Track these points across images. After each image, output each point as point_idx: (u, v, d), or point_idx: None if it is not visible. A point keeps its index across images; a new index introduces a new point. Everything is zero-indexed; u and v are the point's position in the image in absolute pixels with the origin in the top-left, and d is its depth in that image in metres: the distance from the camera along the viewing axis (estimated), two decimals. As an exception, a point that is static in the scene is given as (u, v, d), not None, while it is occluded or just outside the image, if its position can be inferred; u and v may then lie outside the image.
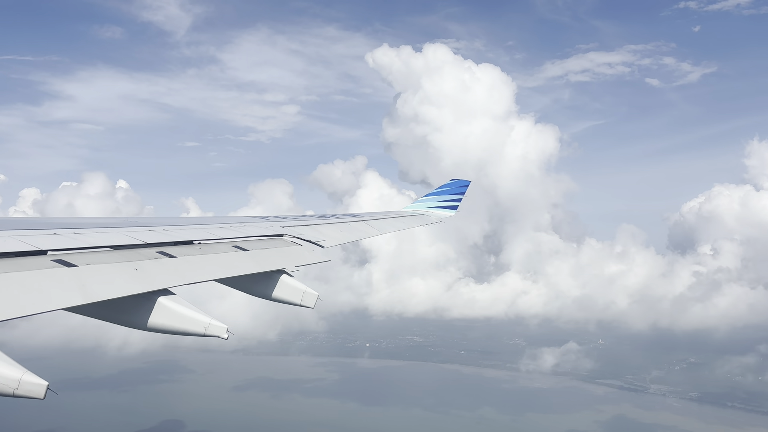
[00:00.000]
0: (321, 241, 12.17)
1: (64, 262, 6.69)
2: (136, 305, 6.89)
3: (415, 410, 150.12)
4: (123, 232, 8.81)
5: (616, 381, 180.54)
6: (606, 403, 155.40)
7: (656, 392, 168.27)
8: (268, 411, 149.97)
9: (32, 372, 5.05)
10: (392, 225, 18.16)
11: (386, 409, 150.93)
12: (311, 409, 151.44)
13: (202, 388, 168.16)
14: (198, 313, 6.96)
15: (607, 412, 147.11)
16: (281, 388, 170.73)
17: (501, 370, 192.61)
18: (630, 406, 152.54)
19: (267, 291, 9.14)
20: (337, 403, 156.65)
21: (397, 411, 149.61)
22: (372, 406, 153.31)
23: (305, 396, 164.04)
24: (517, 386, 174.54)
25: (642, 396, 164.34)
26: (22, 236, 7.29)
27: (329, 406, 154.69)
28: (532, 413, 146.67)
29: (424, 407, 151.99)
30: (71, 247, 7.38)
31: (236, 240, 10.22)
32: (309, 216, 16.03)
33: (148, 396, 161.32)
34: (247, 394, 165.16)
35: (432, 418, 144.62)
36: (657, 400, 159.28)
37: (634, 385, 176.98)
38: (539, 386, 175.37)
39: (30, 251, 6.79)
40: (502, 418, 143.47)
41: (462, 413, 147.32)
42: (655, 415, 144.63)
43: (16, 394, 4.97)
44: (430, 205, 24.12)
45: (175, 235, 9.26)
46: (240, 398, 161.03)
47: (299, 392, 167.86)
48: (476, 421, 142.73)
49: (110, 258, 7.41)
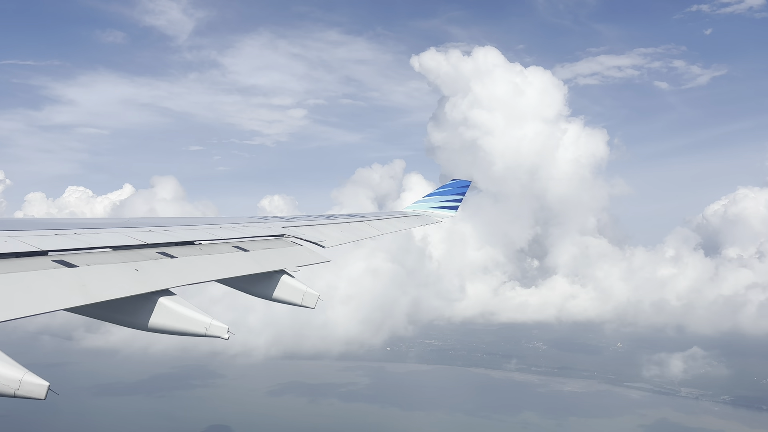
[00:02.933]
0: (322, 242, 12.23)
1: (65, 263, 6.73)
2: (136, 306, 6.92)
3: (457, 415, 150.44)
4: (124, 232, 8.86)
5: (644, 384, 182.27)
6: (644, 407, 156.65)
7: (688, 396, 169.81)
8: (309, 416, 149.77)
9: (33, 373, 5.03)
10: (393, 225, 18.20)
11: (428, 413, 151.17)
12: (352, 414, 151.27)
13: (237, 393, 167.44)
14: (199, 314, 7.00)
15: (649, 416, 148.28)
16: (316, 392, 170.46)
17: (528, 374, 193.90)
18: (669, 409, 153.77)
19: (268, 291, 9.18)
20: (376, 407, 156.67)
21: (440, 416, 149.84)
22: (413, 410, 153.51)
23: (343, 401, 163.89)
24: (551, 390, 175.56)
25: (675, 399, 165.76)
26: (23, 237, 7.30)
27: (369, 410, 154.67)
28: (575, 417, 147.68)
29: (465, 412, 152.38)
30: (72, 247, 7.40)
31: (237, 240, 10.26)
32: (310, 216, 16.14)
33: (186, 401, 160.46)
34: (284, 399, 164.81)
35: (476, 423, 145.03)
36: (693, 404, 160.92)
37: (664, 388, 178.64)
38: (571, 390, 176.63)
39: (31, 252, 6.82)
40: (547, 423, 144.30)
41: (504, 418, 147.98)
42: (697, 419, 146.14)
43: (18, 395, 4.95)
44: (431, 205, 24.24)
45: (175, 236, 9.30)
46: (278, 403, 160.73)
47: (335, 397, 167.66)
48: (522, 425, 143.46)
49: (111, 258, 7.46)
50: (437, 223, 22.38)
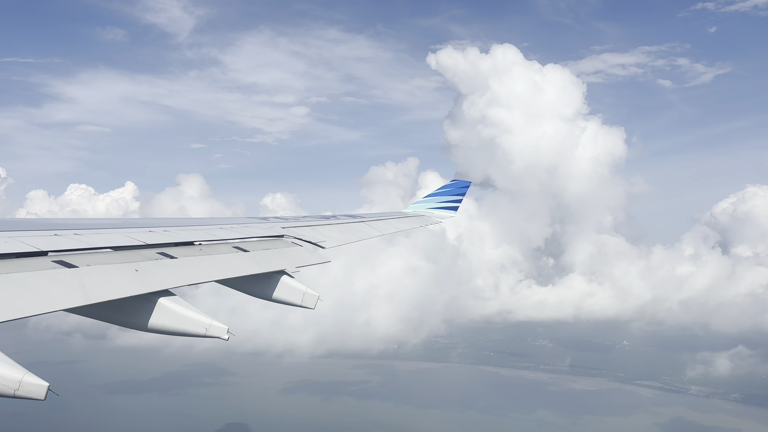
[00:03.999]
0: (322, 242, 12.32)
1: (64, 263, 6.76)
2: (136, 306, 6.97)
3: (472, 413, 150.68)
4: (123, 233, 8.90)
5: (654, 382, 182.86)
6: (657, 405, 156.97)
7: (699, 393, 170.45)
8: (324, 414, 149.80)
9: (33, 374, 5.10)
10: (393, 226, 18.39)
11: (443, 412, 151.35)
12: (367, 412, 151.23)
13: (250, 391, 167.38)
14: (199, 314, 7.03)
15: (663, 414, 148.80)
16: (329, 390, 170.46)
17: (538, 372, 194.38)
18: (682, 408, 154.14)
19: (267, 292, 9.21)
20: (391, 405, 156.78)
21: (454, 414, 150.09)
22: (427, 408, 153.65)
23: (356, 398, 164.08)
24: (563, 388, 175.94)
25: (687, 397, 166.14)
26: (23, 237, 7.32)
27: (384, 408, 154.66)
28: (589, 416, 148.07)
29: (480, 410, 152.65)
30: (72, 248, 7.42)
31: (237, 241, 10.30)
32: (309, 217, 16.31)
33: (200, 399, 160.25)
34: (297, 397, 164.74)
35: (491, 421, 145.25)
36: (705, 402, 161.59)
37: (673, 386, 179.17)
38: (582, 388, 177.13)
39: (31, 252, 6.85)
40: (562, 421, 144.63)
41: (519, 416, 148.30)
42: (712, 417, 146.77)
43: (17, 395, 4.99)
44: (431, 206, 24.43)
45: (175, 236, 9.35)
46: (292, 401, 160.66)
47: (348, 395, 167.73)
48: (537, 423, 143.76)
49: (111, 259, 7.49)
50: (437, 223, 22.64)
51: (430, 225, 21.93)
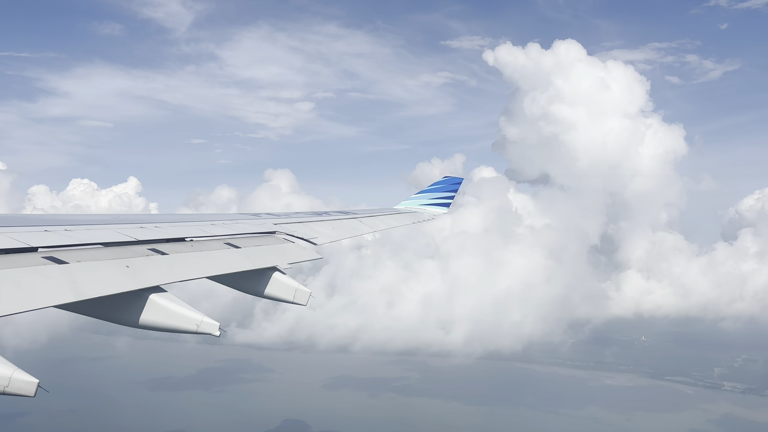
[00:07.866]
0: (313, 239, 12.34)
1: (54, 259, 6.72)
2: (127, 302, 6.93)
3: (521, 410, 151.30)
4: (114, 229, 8.87)
5: (686, 378, 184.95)
6: (701, 401, 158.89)
7: (733, 390, 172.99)
8: (375, 411, 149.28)
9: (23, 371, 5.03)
10: (384, 222, 18.54)
11: (492, 408, 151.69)
12: (411, 408, 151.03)
13: (295, 387, 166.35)
14: (190, 311, 7.00)
15: (713, 411, 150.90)
16: (371, 386, 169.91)
17: (568, 368, 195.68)
18: (727, 404, 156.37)
19: (259, 288, 9.19)
20: (440, 402, 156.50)
21: (504, 411, 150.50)
22: (476, 405, 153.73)
23: (401, 395, 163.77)
24: (602, 384, 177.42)
25: (725, 393, 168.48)
26: (12, 233, 7.26)
27: (430, 405, 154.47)
28: (640, 412, 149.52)
29: (528, 407, 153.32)
30: (62, 244, 7.40)
31: (228, 237, 10.29)
32: (301, 213, 16.46)
33: (245, 395, 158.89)
34: (342, 393, 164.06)
35: (544, 418, 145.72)
36: (744, 398, 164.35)
37: (706, 382, 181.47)
38: (620, 384, 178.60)
39: (20, 248, 6.80)
40: (615, 417, 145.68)
41: (570, 412, 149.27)
42: (762, 414, 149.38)
43: (7, 392, 4.92)
44: (423, 202, 24.49)
45: (166, 232, 9.35)
46: (339, 397, 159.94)
47: (393, 391, 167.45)
48: (591, 420, 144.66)
49: (101, 255, 7.44)
50: (429, 220, 22.68)
51: (421, 222, 21.98)
